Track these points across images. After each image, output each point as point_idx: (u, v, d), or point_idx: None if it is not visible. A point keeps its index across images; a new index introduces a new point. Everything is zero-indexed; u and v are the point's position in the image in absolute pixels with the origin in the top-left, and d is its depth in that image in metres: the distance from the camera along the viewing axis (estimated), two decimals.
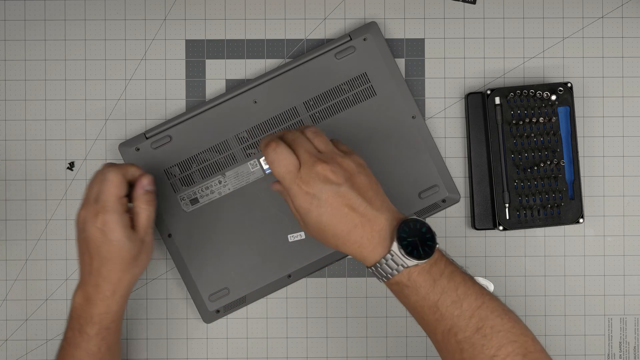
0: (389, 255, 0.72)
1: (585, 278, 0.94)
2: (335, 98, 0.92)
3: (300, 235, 0.92)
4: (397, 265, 0.72)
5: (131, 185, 0.83)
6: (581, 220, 0.91)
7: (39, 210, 0.93)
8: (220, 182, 0.92)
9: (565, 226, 0.93)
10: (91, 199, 0.80)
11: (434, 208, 0.92)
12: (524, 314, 0.93)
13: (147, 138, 0.91)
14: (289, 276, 0.92)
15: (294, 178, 0.74)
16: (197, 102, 0.94)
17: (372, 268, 0.74)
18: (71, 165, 0.93)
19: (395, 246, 0.72)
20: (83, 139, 0.94)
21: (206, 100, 0.93)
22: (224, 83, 0.94)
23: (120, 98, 0.94)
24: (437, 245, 0.74)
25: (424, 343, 0.94)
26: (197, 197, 0.92)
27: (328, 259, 0.92)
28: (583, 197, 0.93)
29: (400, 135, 0.92)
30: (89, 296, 0.81)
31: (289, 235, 0.92)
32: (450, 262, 0.75)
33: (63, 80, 0.94)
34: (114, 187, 0.80)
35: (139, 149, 0.91)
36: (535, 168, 0.90)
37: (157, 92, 0.94)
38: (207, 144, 0.91)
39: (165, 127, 0.91)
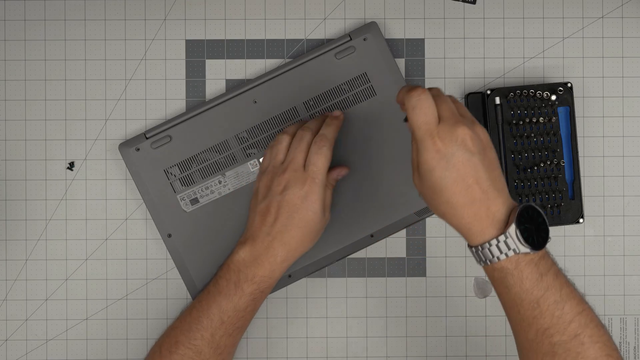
0: (501, 237, 0.70)
1: (585, 278, 0.94)
2: (335, 98, 0.92)
3: None
4: (509, 249, 0.70)
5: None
6: (581, 220, 0.91)
7: (39, 210, 0.93)
8: (220, 182, 0.92)
9: (565, 226, 0.93)
10: (298, 166, 0.82)
11: None
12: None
13: (147, 138, 0.91)
14: (289, 276, 0.92)
15: (431, 130, 0.71)
16: (197, 102, 0.94)
17: (478, 248, 0.71)
18: (71, 165, 0.93)
19: (512, 229, 0.69)
20: (83, 139, 0.94)
21: (206, 100, 0.93)
22: (224, 83, 0.94)
23: (120, 98, 0.94)
24: (550, 239, 0.72)
25: (424, 343, 0.94)
26: (197, 197, 0.92)
27: (328, 259, 0.92)
28: (583, 197, 0.93)
29: (401, 135, 0.92)
30: (258, 255, 0.81)
31: None
32: (555, 262, 0.73)
33: (63, 80, 0.94)
34: (327, 161, 0.82)
35: (139, 149, 0.91)
36: (535, 168, 0.90)
37: (157, 92, 0.94)
38: (207, 144, 0.91)
39: (165, 127, 0.91)
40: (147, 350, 0.93)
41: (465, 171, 0.71)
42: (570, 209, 0.91)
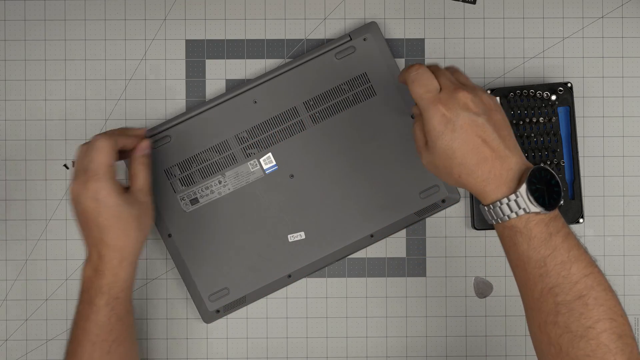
0: (512, 196, 0.71)
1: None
2: (335, 98, 0.92)
3: (300, 235, 0.92)
4: (519, 208, 0.71)
5: (120, 152, 0.83)
6: (581, 220, 0.91)
7: (39, 210, 0.93)
8: (220, 182, 0.92)
9: None
10: (80, 171, 0.80)
11: (434, 208, 0.92)
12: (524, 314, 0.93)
13: (147, 137, 0.91)
14: (289, 276, 0.92)
15: (433, 98, 0.73)
16: (197, 102, 0.94)
17: (490, 206, 0.73)
18: (67, 165, 0.93)
19: (523, 188, 0.71)
20: (83, 139, 0.94)
21: (206, 100, 0.93)
22: (224, 83, 0.94)
23: (120, 98, 0.94)
24: (562, 203, 0.73)
25: (424, 343, 0.94)
26: (197, 197, 0.92)
27: (328, 259, 0.92)
28: (583, 197, 0.93)
29: (400, 135, 0.92)
30: (97, 267, 0.80)
31: (289, 235, 0.92)
32: (567, 225, 0.74)
33: (63, 80, 0.94)
34: (102, 155, 0.80)
35: None
36: None
37: (157, 92, 0.94)
38: (207, 144, 0.91)
39: (165, 127, 0.91)
40: (147, 350, 0.93)
41: (472, 131, 0.72)
42: (570, 209, 0.91)
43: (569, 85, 0.91)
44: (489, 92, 0.90)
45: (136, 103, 0.94)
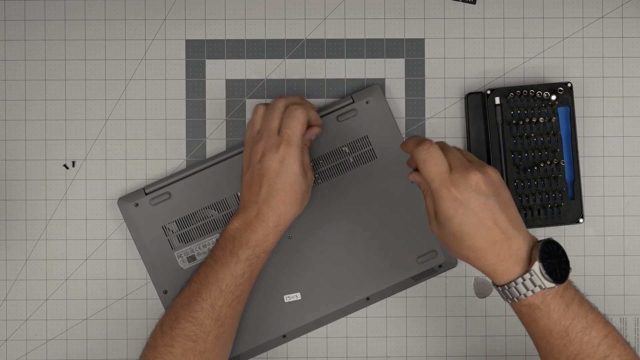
0: (527, 275, 0.72)
1: (585, 278, 0.94)
2: (336, 160, 0.91)
3: (296, 296, 0.91)
4: (535, 286, 0.72)
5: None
6: (581, 220, 0.91)
7: (39, 210, 0.93)
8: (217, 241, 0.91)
9: (565, 226, 0.93)
10: (272, 132, 0.83)
11: (431, 273, 0.92)
12: None
13: (146, 194, 0.91)
14: (284, 336, 0.92)
15: (445, 180, 0.73)
16: (197, 161, 0.93)
17: (504, 287, 0.73)
18: (67, 165, 0.93)
19: (537, 266, 0.71)
20: (83, 139, 0.94)
21: (206, 158, 0.92)
22: (224, 83, 0.94)
23: (120, 98, 0.94)
24: (571, 271, 0.73)
25: (424, 343, 0.94)
26: (194, 255, 0.91)
27: (323, 320, 0.92)
28: (583, 197, 0.93)
29: (400, 199, 0.91)
30: (250, 223, 0.82)
31: (284, 296, 0.91)
32: (578, 289, 0.75)
33: (63, 80, 0.94)
34: (300, 124, 0.83)
35: (137, 205, 0.90)
36: (535, 168, 0.90)
37: (157, 92, 0.94)
38: (206, 201, 0.91)
39: (164, 183, 0.91)
40: None
41: (484, 214, 0.72)
42: (570, 209, 0.91)
43: (569, 85, 0.91)
44: (488, 92, 0.90)
45: (136, 103, 0.94)
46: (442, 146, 0.76)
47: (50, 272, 0.94)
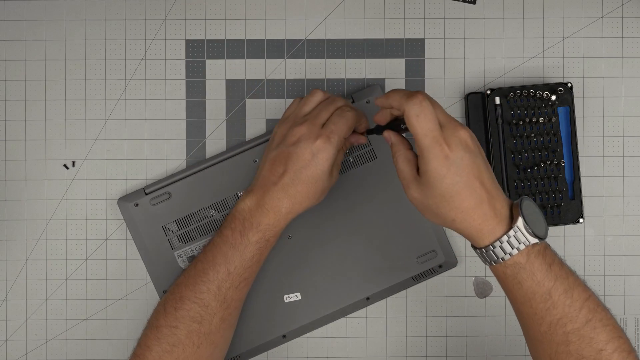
0: (512, 232, 0.70)
1: (585, 278, 0.94)
2: None
3: (296, 296, 0.91)
4: (520, 243, 0.71)
5: None
6: (581, 220, 0.91)
7: (39, 210, 0.93)
8: None
9: (565, 226, 0.93)
10: (318, 122, 0.81)
11: (431, 273, 0.92)
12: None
13: (146, 194, 0.91)
14: (284, 336, 0.92)
15: (437, 137, 0.70)
16: (197, 161, 0.93)
17: (488, 248, 0.72)
18: (67, 165, 0.93)
19: (521, 222, 0.70)
20: (83, 139, 0.94)
21: (206, 158, 0.92)
22: (224, 83, 0.94)
23: (120, 98, 0.94)
24: (548, 229, 0.73)
25: (424, 343, 0.94)
26: (194, 255, 0.91)
27: (323, 320, 0.92)
28: (583, 197, 0.93)
29: (400, 199, 0.91)
30: (264, 204, 0.81)
31: (284, 296, 0.91)
32: (555, 251, 0.74)
33: (63, 80, 0.94)
34: (347, 126, 0.81)
35: (137, 205, 0.90)
36: (535, 168, 0.90)
37: (157, 92, 0.94)
38: (206, 201, 0.91)
39: (164, 183, 0.91)
40: None
41: (473, 173, 0.71)
42: (570, 209, 0.91)
43: (569, 85, 0.91)
44: (488, 92, 0.91)
45: (136, 103, 0.94)
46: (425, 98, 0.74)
47: (50, 272, 0.93)
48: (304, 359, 0.94)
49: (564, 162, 0.91)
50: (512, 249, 0.71)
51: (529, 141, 0.91)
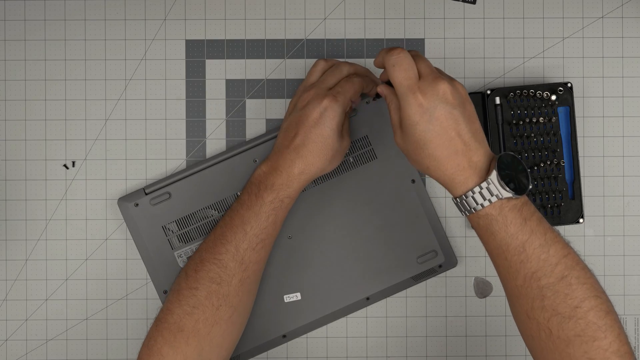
0: (484, 184, 0.72)
1: None
2: None
3: (296, 296, 0.91)
4: (492, 195, 0.72)
5: None
6: (581, 220, 0.91)
7: (39, 210, 0.93)
8: None
9: (565, 226, 0.93)
10: (325, 86, 0.84)
11: (431, 273, 0.92)
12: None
13: (146, 194, 0.91)
14: (284, 336, 0.92)
15: (412, 86, 0.74)
16: (197, 161, 0.93)
17: (461, 197, 0.74)
18: (67, 165, 0.93)
19: (494, 175, 0.72)
20: (83, 139, 0.94)
21: (206, 158, 0.92)
22: (224, 83, 0.94)
23: (120, 98, 0.94)
24: (530, 187, 0.74)
25: (424, 343, 0.94)
26: None
27: (323, 320, 0.92)
28: (583, 197, 0.93)
29: (400, 199, 0.91)
30: (277, 166, 0.83)
31: (284, 296, 0.91)
32: (537, 210, 0.75)
33: (63, 80, 0.94)
34: (353, 90, 0.84)
35: (137, 205, 0.90)
36: (535, 168, 0.90)
37: (157, 92, 0.94)
38: (206, 201, 0.91)
39: (164, 183, 0.91)
40: None
41: (448, 124, 0.73)
42: (570, 209, 0.91)
43: (569, 85, 0.91)
44: (488, 92, 0.91)
45: (136, 103, 0.94)
46: (415, 54, 0.77)
47: (50, 272, 0.94)
48: (304, 359, 0.94)
49: (564, 162, 0.91)
50: (484, 200, 0.73)
51: (529, 141, 0.91)
